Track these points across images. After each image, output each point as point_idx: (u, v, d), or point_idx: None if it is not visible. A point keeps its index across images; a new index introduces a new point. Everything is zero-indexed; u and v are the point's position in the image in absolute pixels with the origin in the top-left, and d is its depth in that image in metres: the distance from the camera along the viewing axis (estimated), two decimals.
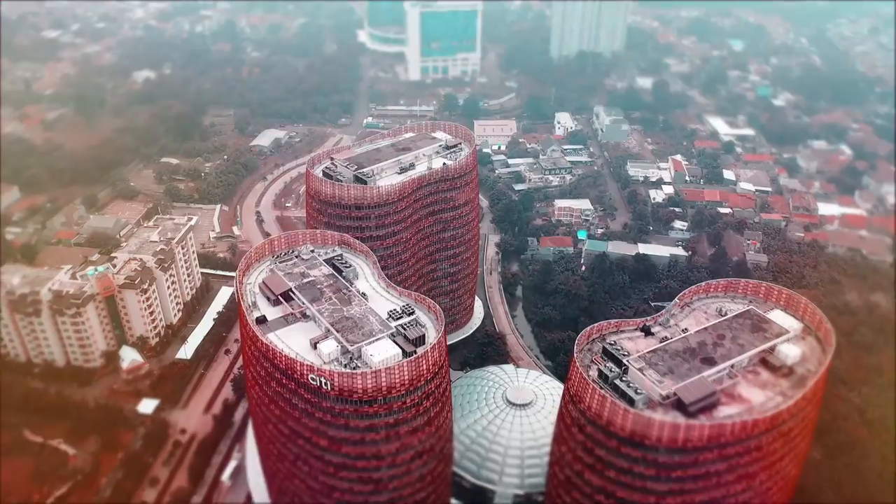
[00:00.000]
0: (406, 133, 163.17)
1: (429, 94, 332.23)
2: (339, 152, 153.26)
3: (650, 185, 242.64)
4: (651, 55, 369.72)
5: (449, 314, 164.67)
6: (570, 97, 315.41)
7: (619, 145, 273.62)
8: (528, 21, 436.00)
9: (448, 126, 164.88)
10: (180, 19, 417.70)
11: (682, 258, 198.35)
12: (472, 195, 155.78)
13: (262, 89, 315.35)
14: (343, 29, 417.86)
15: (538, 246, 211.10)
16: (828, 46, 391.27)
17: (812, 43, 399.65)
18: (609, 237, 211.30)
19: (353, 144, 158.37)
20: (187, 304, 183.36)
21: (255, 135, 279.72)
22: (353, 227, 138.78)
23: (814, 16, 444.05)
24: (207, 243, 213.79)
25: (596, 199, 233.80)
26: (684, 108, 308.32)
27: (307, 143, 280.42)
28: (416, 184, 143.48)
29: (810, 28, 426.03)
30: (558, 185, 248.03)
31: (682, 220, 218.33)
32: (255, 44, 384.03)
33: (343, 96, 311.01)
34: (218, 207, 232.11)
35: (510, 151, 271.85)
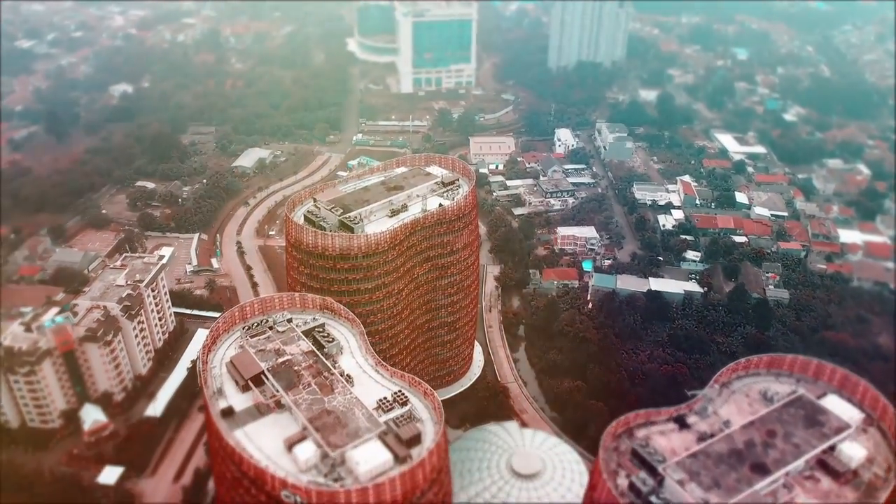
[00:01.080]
0: (398, 168, 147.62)
1: (422, 107, 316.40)
2: (322, 191, 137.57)
3: (658, 209, 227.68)
4: (653, 65, 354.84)
5: (445, 366, 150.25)
6: (570, 111, 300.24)
7: (623, 164, 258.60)
8: (524, 28, 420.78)
9: (444, 160, 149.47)
10: (162, 28, 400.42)
11: (698, 295, 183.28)
12: (471, 237, 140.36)
13: (246, 104, 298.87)
14: (332, 37, 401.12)
15: (541, 279, 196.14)
16: (835, 55, 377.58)
17: (818, 51, 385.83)
18: (617, 269, 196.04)
19: (339, 182, 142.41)
20: (159, 350, 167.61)
21: (237, 154, 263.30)
22: (339, 280, 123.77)
23: (818, 22, 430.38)
24: (183, 278, 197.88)
25: (601, 225, 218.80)
26: (690, 122, 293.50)
27: (293, 164, 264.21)
28: (409, 229, 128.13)
29: (815, 35, 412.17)
30: (560, 208, 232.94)
31: (695, 251, 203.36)
32: (240, 54, 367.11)
33: (331, 111, 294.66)
34: (196, 237, 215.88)
35: (508, 171, 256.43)
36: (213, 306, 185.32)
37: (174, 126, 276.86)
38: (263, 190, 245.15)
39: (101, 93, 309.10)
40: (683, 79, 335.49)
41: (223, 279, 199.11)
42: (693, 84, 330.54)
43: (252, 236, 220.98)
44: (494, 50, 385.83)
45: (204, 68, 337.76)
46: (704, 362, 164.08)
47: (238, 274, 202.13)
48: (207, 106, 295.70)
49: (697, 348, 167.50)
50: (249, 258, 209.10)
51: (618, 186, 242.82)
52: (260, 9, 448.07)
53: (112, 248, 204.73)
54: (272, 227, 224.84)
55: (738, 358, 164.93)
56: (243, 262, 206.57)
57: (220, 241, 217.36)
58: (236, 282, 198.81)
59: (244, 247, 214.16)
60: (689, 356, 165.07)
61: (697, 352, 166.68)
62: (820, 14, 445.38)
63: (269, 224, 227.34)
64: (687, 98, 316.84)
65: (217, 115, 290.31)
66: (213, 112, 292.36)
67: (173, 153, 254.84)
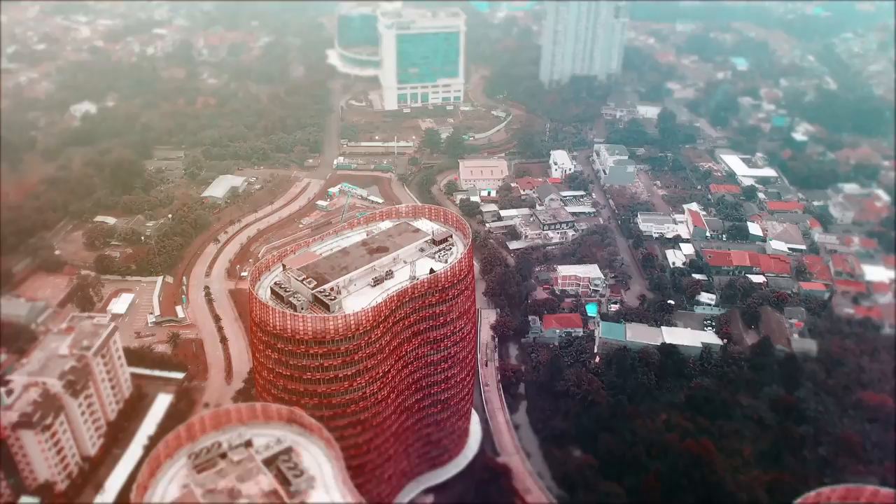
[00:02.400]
0: (381, 221, 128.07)
1: (407, 126, 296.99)
2: (294, 253, 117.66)
3: (666, 242, 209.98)
4: (650, 77, 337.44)
5: (438, 446, 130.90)
6: (566, 130, 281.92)
7: (624, 190, 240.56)
8: (514, 38, 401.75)
9: (435, 211, 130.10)
10: (131, 39, 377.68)
11: (717, 347, 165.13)
12: (468, 304, 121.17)
13: (218, 125, 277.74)
14: (312, 48, 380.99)
15: (541, 327, 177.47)
16: (838, 65, 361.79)
17: (820, 60, 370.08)
18: (625, 316, 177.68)
19: (315, 240, 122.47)
20: (112, 423, 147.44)
21: (207, 182, 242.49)
22: (314, 367, 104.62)
23: (817, 29, 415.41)
24: (144, 331, 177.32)
25: (605, 262, 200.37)
26: (693, 141, 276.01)
27: (268, 192, 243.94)
28: (395, 302, 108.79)
29: (815, 43, 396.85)
30: (559, 242, 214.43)
31: (709, 293, 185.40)
32: (213, 68, 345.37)
33: (310, 132, 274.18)
34: (159, 281, 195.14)
35: (502, 199, 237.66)
36: (176, 365, 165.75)
37: (139, 150, 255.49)
38: (236, 223, 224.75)
39: (62, 113, 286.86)
40: (683, 93, 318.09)
41: (189, 331, 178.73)
42: (694, 99, 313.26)
43: (222, 278, 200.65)
44: (483, 62, 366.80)
45: (173, 84, 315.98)
46: (729, 429, 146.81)
47: (206, 324, 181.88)
48: (176, 127, 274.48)
49: (720, 412, 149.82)
50: (219, 304, 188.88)
51: (621, 216, 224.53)
52: (237, 17, 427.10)
53: (64, 297, 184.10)
54: (244, 267, 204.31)
55: (766, 424, 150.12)
56: (212, 310, 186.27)
57: (187, 284, 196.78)
58: (203, 333, 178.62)
59: (213, 291, 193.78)
60: (711, 422, 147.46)
61: (720, 416, 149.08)
62: (819, 21, 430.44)
63: (242, 263, 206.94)
64: (688, 114, 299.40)
65: (187, 138, 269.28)
66: (182, 134, 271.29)
67: (137, 183, 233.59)
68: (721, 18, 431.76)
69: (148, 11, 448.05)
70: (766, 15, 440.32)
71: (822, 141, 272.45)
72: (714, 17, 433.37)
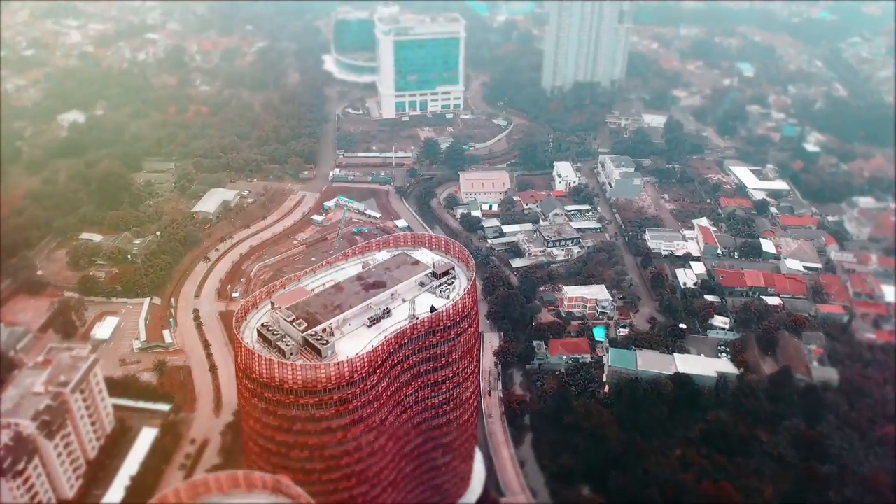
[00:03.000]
0: (377, 252, 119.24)
1: (405, 135, 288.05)
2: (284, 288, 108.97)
3: (676, 261, 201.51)
4: (655, 84, 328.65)
5: (439, 491, 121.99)
6: (569, 140, 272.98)
7: (631, 204, 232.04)
8: (514, 43, 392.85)
9: (436, 241, 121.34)
10: (122, 45, 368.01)
11: (732, 377, 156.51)
12: (471, 342, 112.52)
13: (210, 135, 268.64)
14: (308, 53, 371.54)
15: (547, 352, 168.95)
16: (846, 71, 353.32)
17: (828, 66, 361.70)
18: (635, 341, 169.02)
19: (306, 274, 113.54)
20: (92, 462, 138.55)
21: (198, 195, 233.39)
22: (304, 417, 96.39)
23: (824, 33, 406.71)
24: (129, 358, 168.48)
25: (612, 282, 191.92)
26: (701, 152, 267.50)
27: (262, 206, 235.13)
28: (393, 344, 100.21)
29: (822, 48, 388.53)
30: (564, 259, 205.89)
31: (723, 315, 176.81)
32: (206, 74, 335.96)
33: (305, 143, 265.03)
34: (146, 302, 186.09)
35: (504, 213, 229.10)
36: (163, 396, 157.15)
37: (128, 162, 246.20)
38: (227, 239, 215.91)
39: (49, 122, 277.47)
40: (690, 101, 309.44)
41: (176, 357, 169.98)
42: (700, 106, 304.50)
43: (212, 299, 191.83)
44: (483, 67, 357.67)
45: (165, 92, 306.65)
46: (748, 467, 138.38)
47: (194, 350, 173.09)
48: (167, 137, 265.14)
49: (738, 448, 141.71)
50: (208, 328, 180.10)
51: (628, 232, 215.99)
52: (231, 21, 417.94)
53: (45, 321, 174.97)
54: (236, 287, 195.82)
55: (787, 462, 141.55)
56: (201, 335, 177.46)
57: (175, 306, 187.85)
58: (192, 360, 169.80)
59: (202, 314, 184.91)
60: (728, 459, 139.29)
61: (738, 452, 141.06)
62: (825, 25, 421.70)
63: (233, 283, 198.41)
64: (695, 123, 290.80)
65: (177, 149, 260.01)
66: (172, 145, 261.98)
67: (125, 197, 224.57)
68: (725, 22, 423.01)
69: (140, 15, 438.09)
70: (770, 18, 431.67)
71: (834, 151, 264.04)
72: (718, 20, 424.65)
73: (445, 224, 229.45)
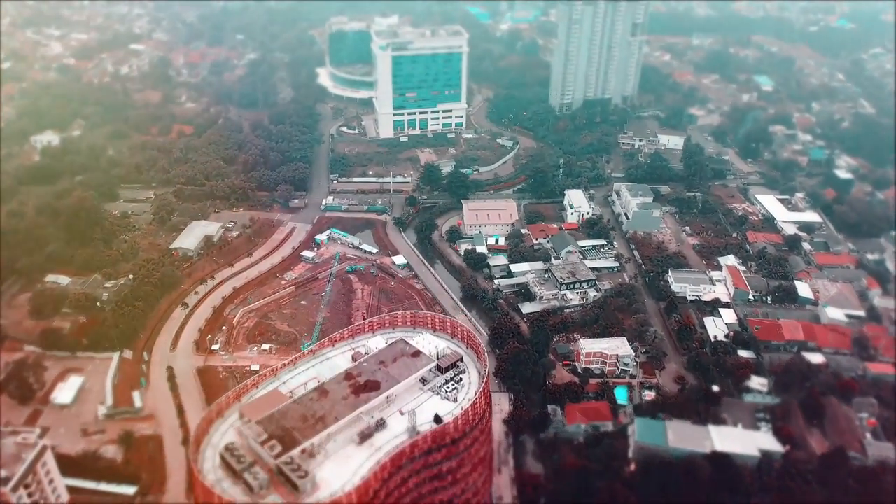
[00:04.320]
0: (371, 337, 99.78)
1: (404, 157, 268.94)
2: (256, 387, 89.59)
3: (703, 307, 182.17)
4: (669, 100, 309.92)
5: None
6: (581, 165, 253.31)
7: (650, 238, 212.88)
8: (519, 54, 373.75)
9: (440, 322, 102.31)
10: (104, 57, 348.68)
11: (777, 456, 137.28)
12: (483, 452, 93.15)
13: (194, 159, 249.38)
14: (301, 66, 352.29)
15: (563, 419, 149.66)
16: (870, 85, 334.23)
17: (851, 79, 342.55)
18: (662, 407, 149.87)
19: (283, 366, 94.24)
20: None
21: (179, 228, 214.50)
22: None
23: (843, 43, 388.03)
24: (92, 427, 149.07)
25: (633, 332, 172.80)
26: (723, 177, 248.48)
27: (247, 240, 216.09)
28: (389, 468, 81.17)
29: (843, 59, 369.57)
30: (580, 304, 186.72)
31: (760, 376, 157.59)
32: (192, 90, 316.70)
33: (296, 167, 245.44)
34: (116, 357, 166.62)
35: (512, 249, 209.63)
36: (128, 476, 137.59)
37: (103, 191, 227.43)
38: (208, 280, 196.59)
39: (21, 145, 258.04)
40: (708, 119, 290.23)
41: (147, 425, 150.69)
42: (719, 125, 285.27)
43: (190, 352, 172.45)
44: (486, 80, 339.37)
45: (147, 111, 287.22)
46: None
47: (167, 415, 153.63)
48: (147, 162, 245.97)
49: None
50: (184, 388, 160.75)
51: (648, 272, 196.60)
52: (221, 31, 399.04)
53: (1, 381, 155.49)
54: (216, 338, 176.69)
55: None
56: (175, 397, 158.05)
57: (148, 360, 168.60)
58: (164, 428, 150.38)
59: (178, 370, 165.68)
60: None
61: None
62: (844, 34, 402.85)
63: (214, 332, 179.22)
64: (715, 145, 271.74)
65: (158, 175, 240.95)
66: (152, 171, 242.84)
67: (96, 233, 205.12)
68: (739, 31, 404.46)
69: (127, 23, 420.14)
70: (786, 27, 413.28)
71: (867, 178, 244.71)
72: (731, 29, 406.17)
73: (448, 260, 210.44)
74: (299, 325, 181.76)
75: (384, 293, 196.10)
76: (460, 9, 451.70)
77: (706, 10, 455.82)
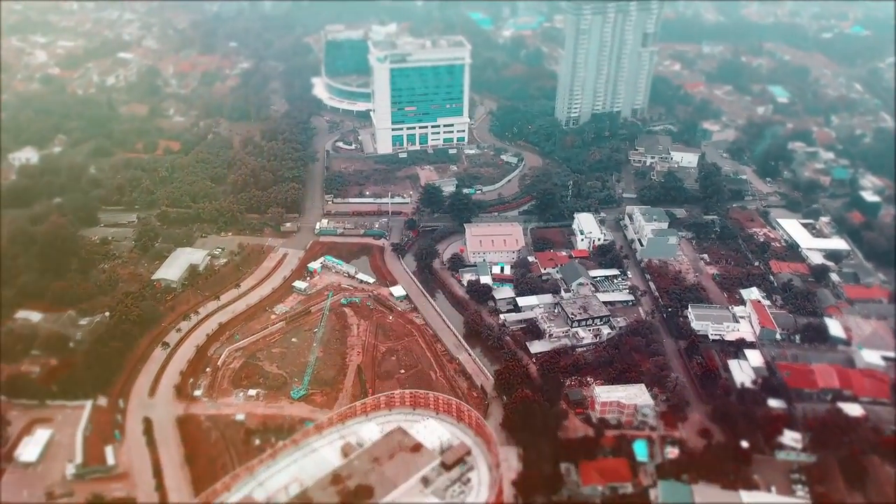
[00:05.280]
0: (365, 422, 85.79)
1: (403, 175, 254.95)
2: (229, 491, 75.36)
3: (727, 348, 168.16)
4: (680, 113, 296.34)
5: None
6: (590, 185, 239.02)
7: (667, 268, 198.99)
8: (523, 62, 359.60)
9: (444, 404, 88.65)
10: (91, 66, 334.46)
11: None
12: None
13: (180, 179, 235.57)
14: (296, 75, 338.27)
15: (578, 479, 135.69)
16: (888, 96, 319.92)
17: (869, 90, 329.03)
18: (687, 467, 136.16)
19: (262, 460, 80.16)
20: None
21: (163, 255, 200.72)
22: None
23: (859, 51, 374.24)
24: (58, 488, 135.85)
25: (652, 376, 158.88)
26: (741, 199, 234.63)
27: (235, 268, 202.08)
28: None
29: (859, 68, 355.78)
30: (592, 343, 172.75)
31: (793, 430, 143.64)
32: (181, 102, 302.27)
33: (289, 189, 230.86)
34: (88, 406, 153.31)
35: (518, 279, 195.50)
36: None
37: (82, 215, 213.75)
38: (192, 315, 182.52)
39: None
40: (723, 135, 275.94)
41: (120, 485, 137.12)
42: (735, 141, 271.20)
43: (170, 398, 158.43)
44: (488, 90, 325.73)
45: (132, 125, 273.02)
46: None
47: (142, 473, 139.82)
48: (130, 183, 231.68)
49: None
50: (162, 441, 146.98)
51: (666, 307, 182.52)
52: (214, 38, 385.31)
53: None
54: (199, 382, 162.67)
55: None
56: (152, 452, 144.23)
57: (124, 408, 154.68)
58: (138, 489, 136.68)
59: (156, 420, 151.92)
60: None
61: None
62: (860, 42, 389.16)
63: (196, 375, 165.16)
64: (731, 162, 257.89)
65: (141, 196, 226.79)
66: (136, 192, 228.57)
67: (73, 263, 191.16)
68: (750, 37, 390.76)
69: (117, 29, 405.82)
70: (799, 34, 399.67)
71: (893, 199, 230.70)
72: (742, 36, 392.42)
73: (450, 291, 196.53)
74: (289, 367, 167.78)
75: (381, 329, 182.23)
76: (461, 14, 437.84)
77: (715, 15, 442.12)
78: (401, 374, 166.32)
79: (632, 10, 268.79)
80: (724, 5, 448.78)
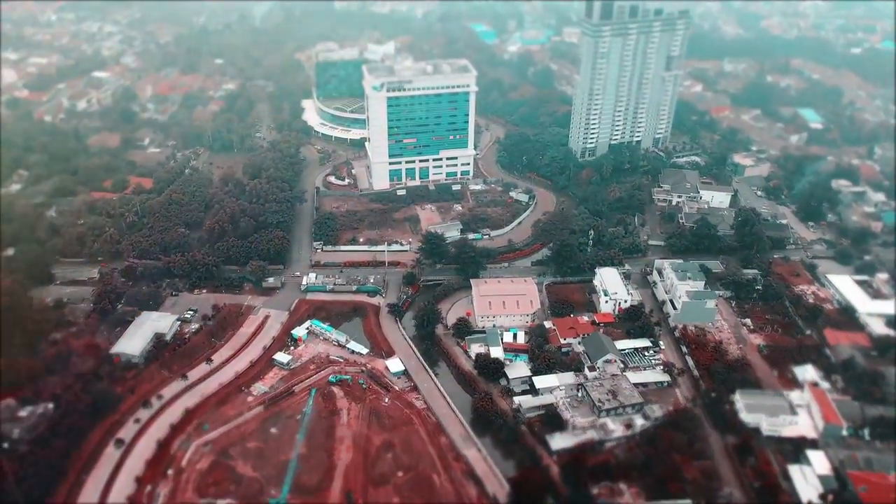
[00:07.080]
0: None
1: (401, 216, 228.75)
2: None
3: (785, 447, 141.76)
4: (707, 142, 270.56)
5: None
6: (612, 232, 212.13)
7: (705, 337, 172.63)
8: (531, 82, 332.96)
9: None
10: (62, 87, 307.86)
11: None
12: None
13: (150, 225, 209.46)
14: (285, 97, 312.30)
15: None
16: None
17: None
18: None
19: None
20: None
21: (126, 321, 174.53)
22: None
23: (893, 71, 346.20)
24: None
25: (699, 487, 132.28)
26: (782, 248, 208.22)
27: (208, 336, 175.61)
28: None
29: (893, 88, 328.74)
30: (624, 437, 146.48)
31: None
32: (158, 131, 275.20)
33: (272, 237, 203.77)
34: None
35: (534, 350, 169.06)
36: None
37: (36, 272, 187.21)
38: (154, 401, 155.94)
39: None
40: (756, 169, 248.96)
41: None
42: (769, 176, 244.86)
43: None
44: (494, 113, 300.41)
45: (101, 160, 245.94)
46: None
47: None
48: (92, 230, 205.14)
49: None
50: None
51: (709, 392, 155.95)
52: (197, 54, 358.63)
53: None
54: (159, 489, 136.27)
55: None
56: None
57: None
58: None
59: None
60: None
61: None
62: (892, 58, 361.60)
63: (156, 480, 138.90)
64: (768, 203, 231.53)
65: (104, 247, 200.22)
66: (99, 241, 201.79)
67: (16, 336, 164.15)
68: (774, 53, 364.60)
69: (96, 44, 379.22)
70: (826, 50, 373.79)
71: None
72: (766, 52, 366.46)
73: (455, 364, 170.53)
74: (267, 468, 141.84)
75: (376, 415, 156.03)
76: (464, 27, 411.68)
77: (735, 28, 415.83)
78: (398, 476, 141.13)
79: (655, 31, 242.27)
80: (745, 17, 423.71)
